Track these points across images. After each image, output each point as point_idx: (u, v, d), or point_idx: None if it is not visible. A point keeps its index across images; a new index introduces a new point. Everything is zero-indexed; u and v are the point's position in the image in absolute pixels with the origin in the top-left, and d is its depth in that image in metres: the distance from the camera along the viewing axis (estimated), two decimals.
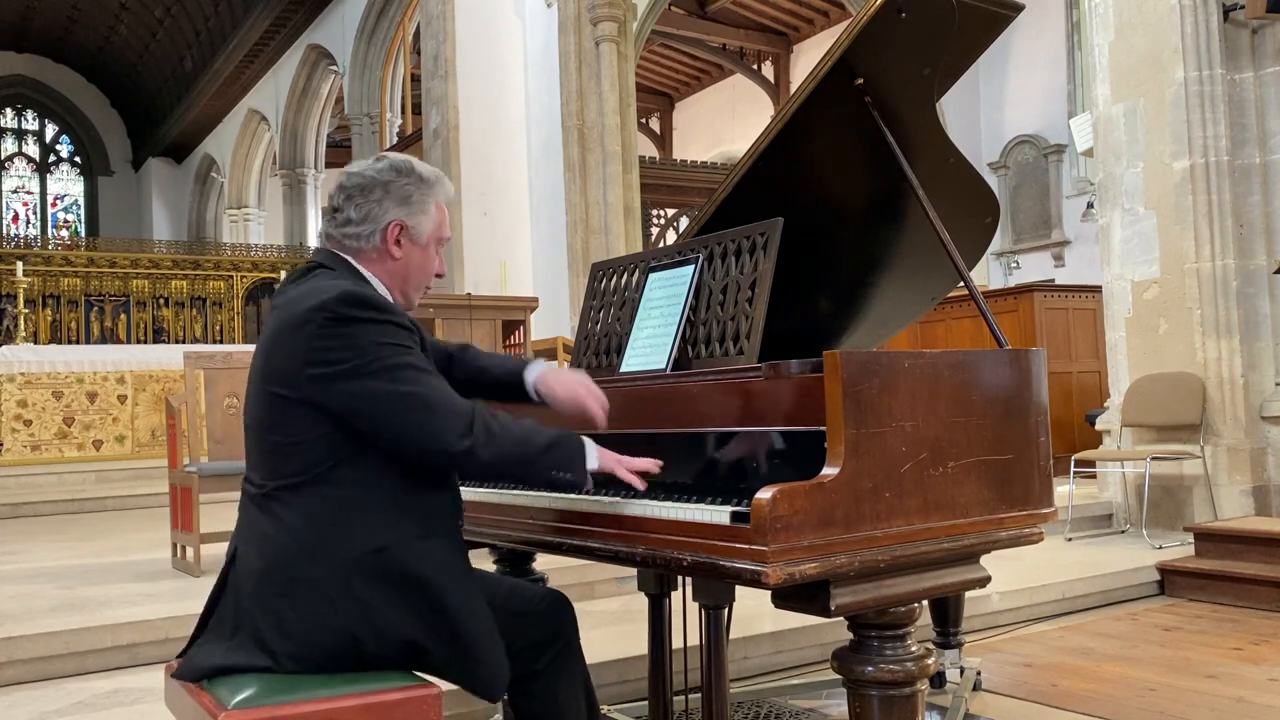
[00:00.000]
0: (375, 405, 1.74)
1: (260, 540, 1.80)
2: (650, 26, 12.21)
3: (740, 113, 18.11)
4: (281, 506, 1.79)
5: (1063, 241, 13.18)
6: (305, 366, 1.75)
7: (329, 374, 1.74)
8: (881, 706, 1.77)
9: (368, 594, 1.74)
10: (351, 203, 1.92)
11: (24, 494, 8.05)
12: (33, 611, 3.69)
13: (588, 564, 3.26)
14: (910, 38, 2.29)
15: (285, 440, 1.79)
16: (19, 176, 23.23)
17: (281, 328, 1.81)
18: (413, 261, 1.96)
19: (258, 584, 1.77)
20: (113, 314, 15.20)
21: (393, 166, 1.95)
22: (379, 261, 1.94)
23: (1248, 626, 4.05)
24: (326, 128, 18.23)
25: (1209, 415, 5.30)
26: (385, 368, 1.74)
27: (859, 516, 1.68)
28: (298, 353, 1.76)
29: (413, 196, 1.94)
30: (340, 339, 1.75)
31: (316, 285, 1.84)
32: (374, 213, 1.91)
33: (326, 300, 1.77)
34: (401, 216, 1.92)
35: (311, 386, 1.75)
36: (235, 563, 1.85)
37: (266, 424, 1.82)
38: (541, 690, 1.94)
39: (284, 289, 1.93)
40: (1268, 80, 5.34)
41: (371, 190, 1.92)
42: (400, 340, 1.79)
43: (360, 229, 1.92)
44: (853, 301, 2.84)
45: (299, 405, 1.77)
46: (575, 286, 9.60)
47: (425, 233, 1.96)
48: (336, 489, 1.78)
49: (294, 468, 1.79)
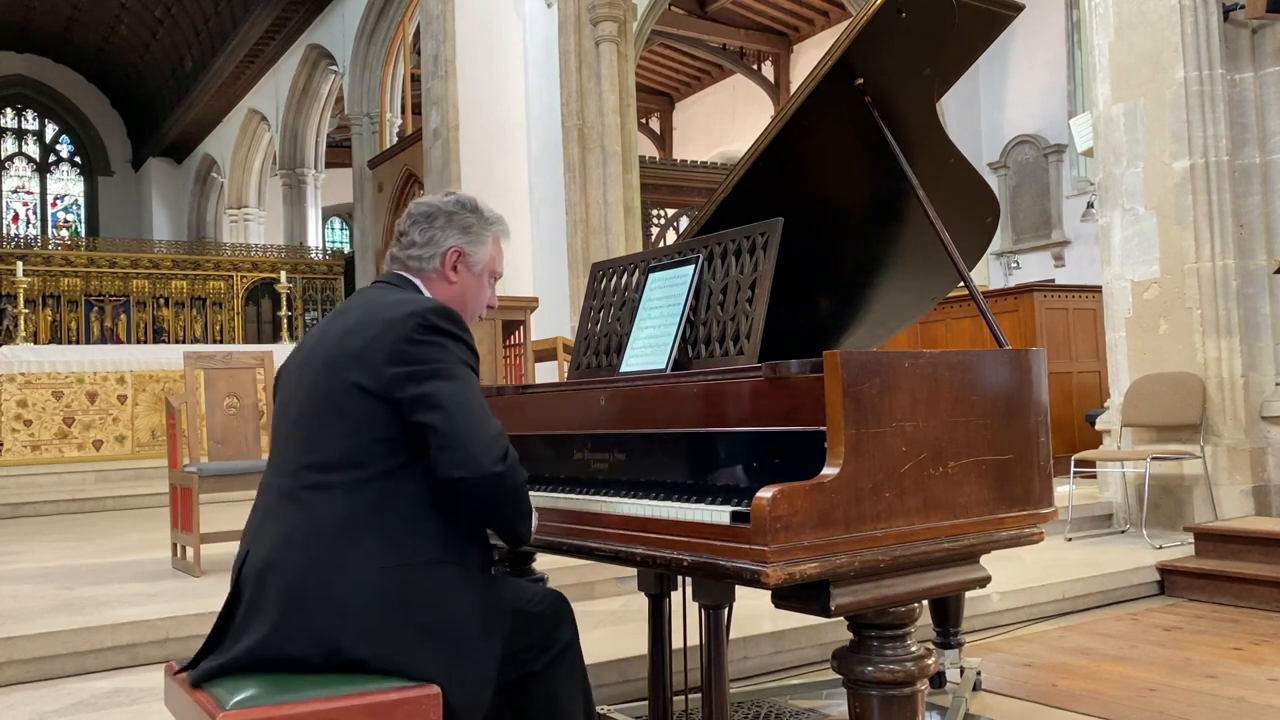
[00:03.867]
0: (440, 401, 1.80)
1: (280, 529, 1.81)
2: (650, 26, 12.20)
3: (740, 113, 18.10)
4: (310, 497, 1.81)
5: (1063, 241, 13.18)
6: (388, 365, 1.82)
7: (410, 373, 1.81)
8: (881, 706, 1.77)
9: (380, 622, 1.75)
10: (417, 228, 2.09)
11: (24, 494, 8.05)
12: (33, 611, 3.69)
13: (588, 564, 3.26)
14: (910, 38, 2.29)
15: (339, 428, 1.83)
16: (19, 176, 23.22)
17: (366, 323, 1.89)
18: (468, 288, 2.11)
19: (271, 562, 1.78)
20: (113, 314, 15.20)
21: (459, 200, 2.13)
22: (438, 283, 2.08)
23: (1248, 626, 4.05)
24: (326, 128, 18.22)
25: (1209, 415, 5.30)
26: (463, 378, 1.85)
27: (859, 516, 1.68)
28: (385, 349, 1.83)
29: (473, 227, 2.10)
30: (428, 346, 1.84)
31: (406, 295, 1.98)
32: (436, 237, 2.07)
33: (422, 309, 1.88)
34: (460, 244, 2.08)
35: (391, 383, 1.81)
36: (245, 565, 1.85)
37: (320, 414, 1.86)
38: (541, 690, 1.94)
39: (360, 294, 2.08)
40: (1268, 80, 5.34)
41: (436, 218, 2.09)
42: (473, 363, 1.91)
43: (423, 251, 2.07)
44: (853, 301, 2.84)
45: (370, 397, 1.82)
46: (575, 286, 9.59)
47: (480, 262, 2.11)
48: (365, 495, 1.80)
49: (337, 457, 1.82)
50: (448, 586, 1.81)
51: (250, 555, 1.84)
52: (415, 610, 1.77)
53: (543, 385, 2.79)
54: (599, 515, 1.96)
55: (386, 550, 1.78)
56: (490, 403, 2.57)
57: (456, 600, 1.81)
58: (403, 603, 1.76)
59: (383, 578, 1.76)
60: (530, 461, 2.40)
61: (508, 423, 2.50)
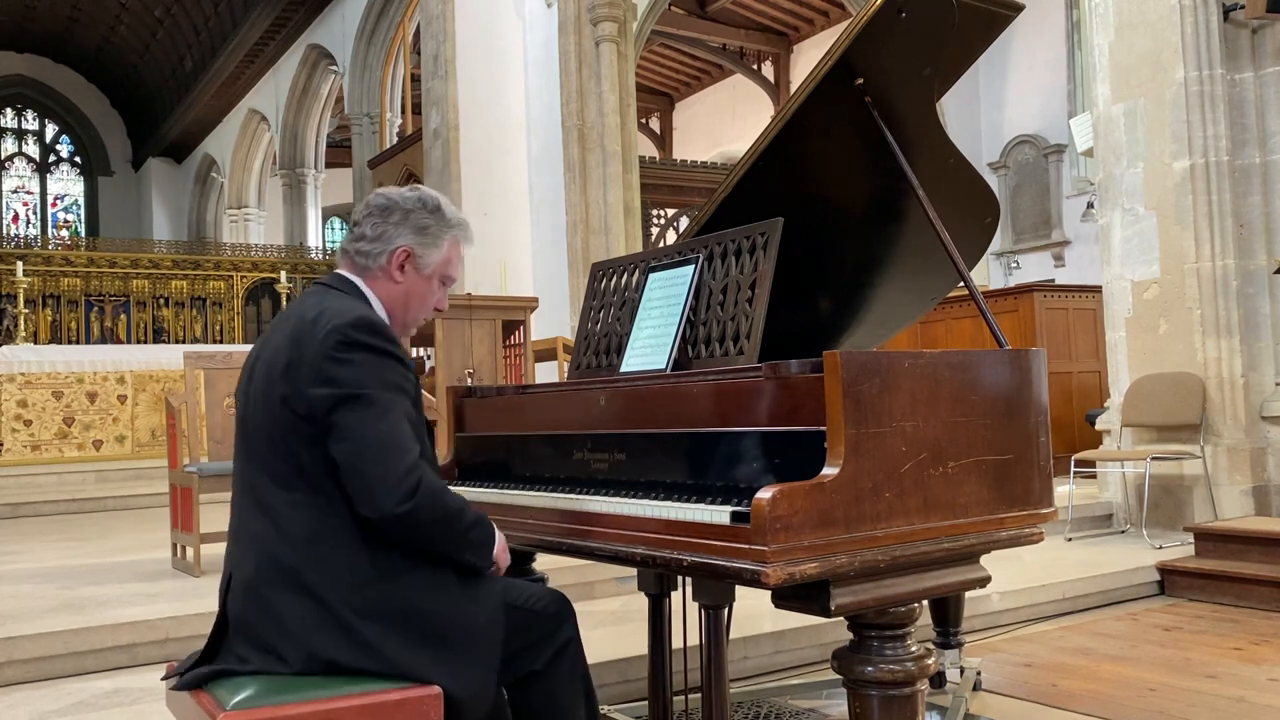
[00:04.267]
0: (345, 433, 1.76)
1: (256, 542, 1.80)
2: (650, 26, 12.20)
3: (740, 113, 18.10)
4: (280, 516, 1.79)
5: (1063, 241, 13.18)
6: (310, 386, 1.79)
7: (327, 396, 1.77)
8: (881, 706, 1.77)
9: (369, 635, 1.73)
10: (370, 221, 2.00)
11: (24, 494, 8.05)
12: (33, 611, 3.69)
13: (588, 564, 3.26)
14: (910, 37, 2.29)
15: (287, 453, 1.80)
16: (19, 176, 23.23)
17: (295, 339, 1.84)
18: (413, 289, 2.01)
19: (252, 584, 1.77)
20: (113, 314, 15.20)
21: (420, 198, 2.03)
22: (383, 282, 2.00)
23: (1248, 626, 4.05)
24: (326, 128, 18.23)
25: (1209, 415, 5.30)
26: (373, 405, 1.77)
27: (859, 516, 1.68)
28: (305, 371, 1.80)
29: (429, 229, 2.01)
30: (345, 365, 1.79)
31: (334, 305, 1.88)
32: (388, 234, 1.99)
33: (341, 323, 1.81)
34: (411, 244, 1.99)
35: (313, 406, 1.78)
36: (230, 591, 1.83)
37: (269, 434, 1.83)
38: (542, 689, 1.94)
39: (296, 303, 1.99)
40: (1268, 80, 5.34)
41: (391, 213, 2.00)
42: (397, 379, 1.83)
43: (371, 246, 1.98)
44: (853, 301, 2.84)
45: (303, 421, 1.79)
46: (575, 286, 9.59)
47: (431, 265, 2.02)
48: (337, 505, 1.78)
49: (295, 481, 1.80)
50: (435, 589, 1.80)
51: (233, 581, 1.82)
52: (407, 618, 1.76)
53: (543, 385, 2.80)
54: (599, 515, 1.96)
55: (366, 563, 1.76)
56: (490, 403, 2.59)
57: (446, 601, 1.80)
58: (392, 612, 1.75)
59: (366, 589, 1.75)
60: (530, 461, 2.40)
61: (508, 423, 2.51)
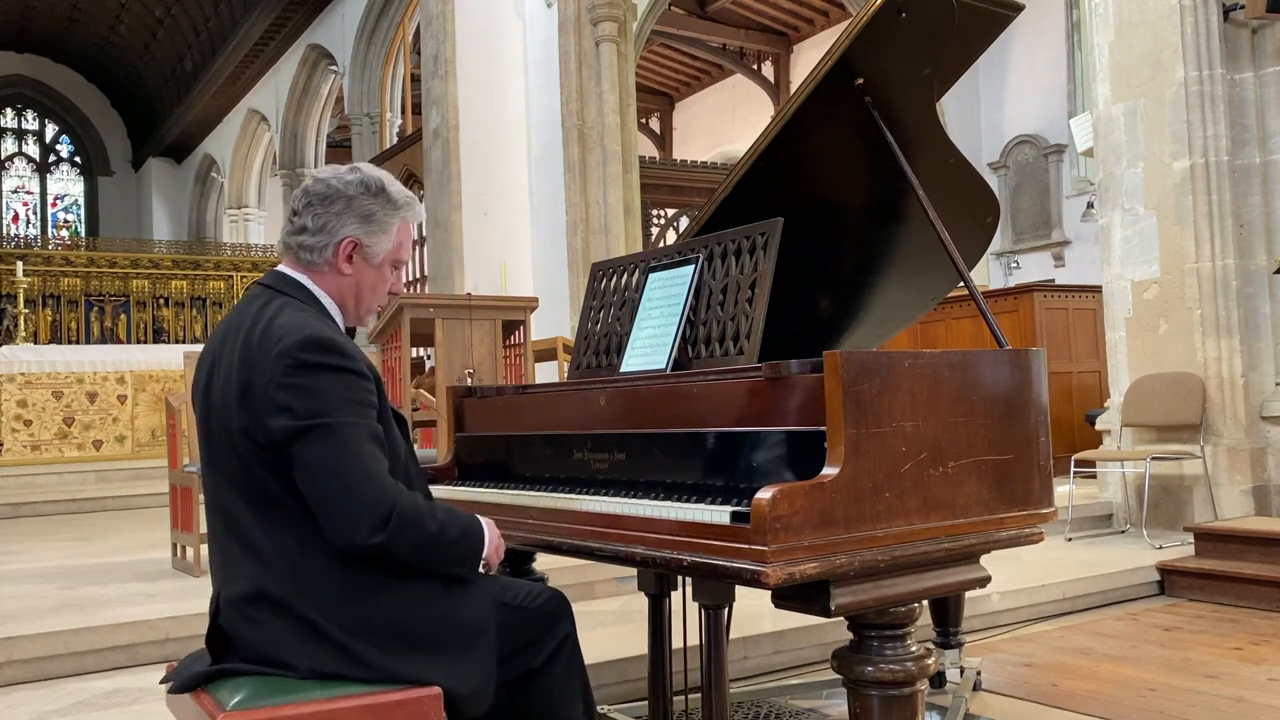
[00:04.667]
0: (306, 466, 1.70)
1: (239, 570, 1.77)
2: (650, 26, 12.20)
3: (740, 113, 18.10)
4: (258, 541, 1.75)
5: (1063, 241, 13.18)
6: (268, 415, 1.71)
7: (284, 427, 1.70)
8: (881, 706, 1.77)
9: (363, 652, 1.71)
10: (311, 211, 1.88)
11: (24, 494, 8.05)
12: (33, 611, 3.69)
13: (588, 564, 3.26)
14: (910, 38, 2.29)
15: (254, 479, 1.75)
16: (19, 176, 23.21)
17: (245, 362, 1.76)
18: (364, 280, 1.92)
19: (241, 608, 1.74)
20: (113, 314, 15.21)
21: (362, 181, 1.90)
22: (330, 276, 1.90)
23: (1248, 626, 4.05)
24: (326, 128, 18.21)
25: (1209, 415, 5.30)
26: (332, 432, 1.70)
27: (859, 516, 1.68)
28: (259, 401, 1.72)
29: (375, 215, 1.89)
30: (297, 392, 1.71)
31: (279, 320, 1.78)
32: (331, 225, 1.87)
33: (289, 346, 1.72)
34: (358, 234, 1.88)
35: (274, 437, 1.71)
36: (220, 612, 1.79)
37: (234, 460, 1.77)
38: (540, 687, 1.94)
39: (239, 312, 1.87)
40: (1268, 80, 5.34)
41: (333, 202, 1.88)
42: (358, 396, 1.75)
43: (314, 240, 1.88)
44: (853, 301, 2.84)
45: (264, 450, 1.73)
46: (575, 286, 9.59)
47: (380, 253, 1.91)
48: (312, 525, 1.73)
49: (267, 506, 1.75)
50: (423, 599, 1.77)
51: (222, 602, 1.79)
52: (399, 631, 1.74)
53: (543, 385, 2.80)
54: (599, 515, 1.96)
55: (350, 581, 1.73)
56: (490, 403, 2.59)
57: (435, 608, 1.78)
58: (383, 627, 1.73)
59: (354, 607, 1.73)
60: (530, 461, 2.40)
61: (508, 423, 2.51)
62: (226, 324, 1.89)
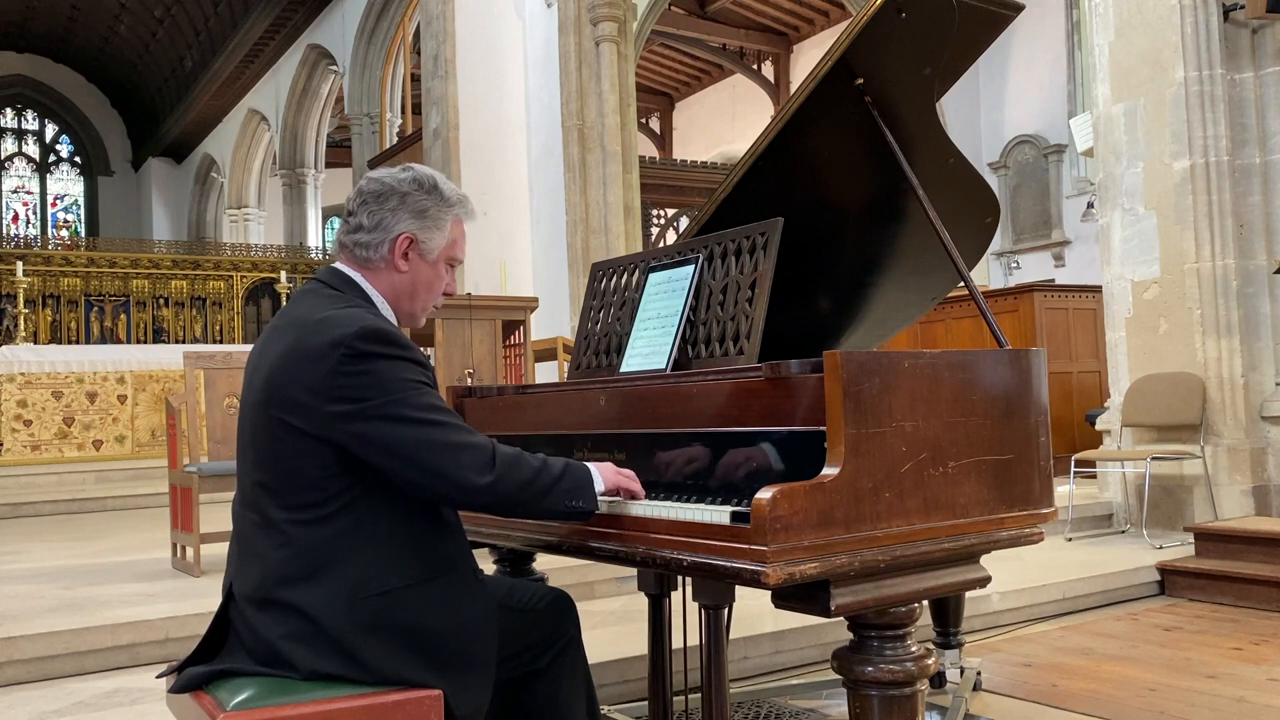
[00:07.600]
0: (399, 447, 1.70)
1: (258, 559, 1.76)
2: (650, 26, 12.22)
3: (740, 113, 18.12)
4: (283, 533, 1.74)
5: (1063, 241, 13.19)
6: (325, 403, 1.70)
7: (350, 412, 1.69)
8: (881, 706, 1.77)
9: (367, 655, 1.70)
10: (366, 209, 1.89)
11: (24, 494, 8.06)
12: (33, 611, 3.69)
13: (588, 564, 3.26)
14: (910, 38, 2.29)
15: (291, 470, 1.74)
16: (19, 176, 23.24)
17: (294, 355, 1.75)
18: (420, 277, 1.92)
19: (252, 601, 1.74)
20: (113, 314, 15.20)
21: (415, 179, 1.91)
22: (385, 274, 1.90)
23: (1248, 626, 4.05)
24: (326, 128, 18.24)
25: (1209, 415, 5.30)
26: (409, 407, 1.71)
27: (859, 516, 1.68)
28: (317, 387, 1.71)
29: (429, 211, 1.90)
30: (361, 376, 1.70)
31: (334, 314, 1.78)
32: (386, 221, 1.88)
33: (345, 336, 1.71)
34: (413, 230, 1.89)
35: (330, 423, 1.70)
36: (232, 603, 1.79)
37: (272, 451, 1.76)
38: (543, 689, 1.94)
39: (293, 306, 1.88)
40: (1268, 80, 5.34)
41: (388, 199, 1.88)
42: (418, 377, 1.75)
43: (370, 237, 1.88)
44: (853, 301, 2.84)
45: (312, 440, 1.72)
46: (575, 286, 9.60)
47: (436, 249, 1.91)
48: (342, 524, 1.73)
49: (300, 498, 1.74)
50: (434, 604, 1.76)
51: (236, 594, 1.78)
52: (406, 633, 1.73)
53: (543, 385, 2.79)
54: (599, 516, 1.96)
55: (367, 580, 1.72)
56: (490, 403, 2.59)
57: (445, 615, 1.76)
58: (391, 628, 1.72)
59: (366, 606, 1.71)
60: None
61: (508, 423, 2.51)
62: (273, 325, 1.90)
